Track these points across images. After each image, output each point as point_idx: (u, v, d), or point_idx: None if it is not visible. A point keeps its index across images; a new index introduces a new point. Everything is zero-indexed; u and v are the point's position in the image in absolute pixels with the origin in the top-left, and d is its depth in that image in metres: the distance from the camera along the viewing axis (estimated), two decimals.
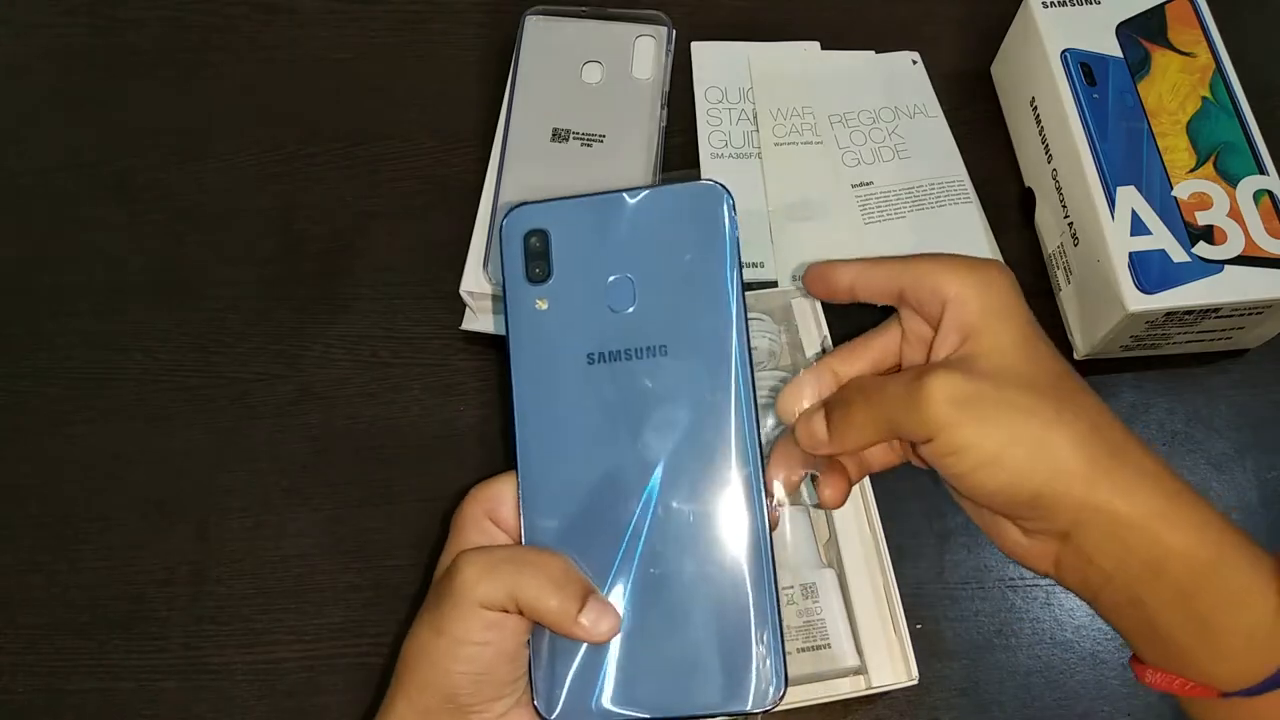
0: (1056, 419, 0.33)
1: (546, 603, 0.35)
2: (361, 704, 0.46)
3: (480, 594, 0.35)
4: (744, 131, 0.57)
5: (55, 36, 0.60)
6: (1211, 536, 0.33)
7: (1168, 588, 0.32)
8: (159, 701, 0.46)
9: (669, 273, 0.38)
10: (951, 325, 0.35)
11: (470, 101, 0.58)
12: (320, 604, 0.48)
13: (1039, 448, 0.33)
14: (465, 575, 0.35)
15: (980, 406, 0.33)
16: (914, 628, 0.44)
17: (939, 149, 0.56)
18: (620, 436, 0.37)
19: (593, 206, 0.38)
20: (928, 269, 0.36)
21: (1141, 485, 0.33)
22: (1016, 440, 0.33)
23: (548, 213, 0.38)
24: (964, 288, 0.35)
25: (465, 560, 0.35)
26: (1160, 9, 0.53)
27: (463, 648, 0.35)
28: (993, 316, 0.35)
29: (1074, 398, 0.34)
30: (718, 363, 0.37)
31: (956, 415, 0.33)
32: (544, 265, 0.38)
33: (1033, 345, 0.35)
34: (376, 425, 0.51)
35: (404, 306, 0.53)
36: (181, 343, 0.53)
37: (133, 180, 0.56)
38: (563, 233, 0.38)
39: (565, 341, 0.37)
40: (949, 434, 0.33)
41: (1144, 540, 0.32)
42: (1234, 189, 0.48)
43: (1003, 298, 0.35)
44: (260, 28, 0.60)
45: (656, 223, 0.38)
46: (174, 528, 0.49)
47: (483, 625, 0.35)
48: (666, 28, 0.56)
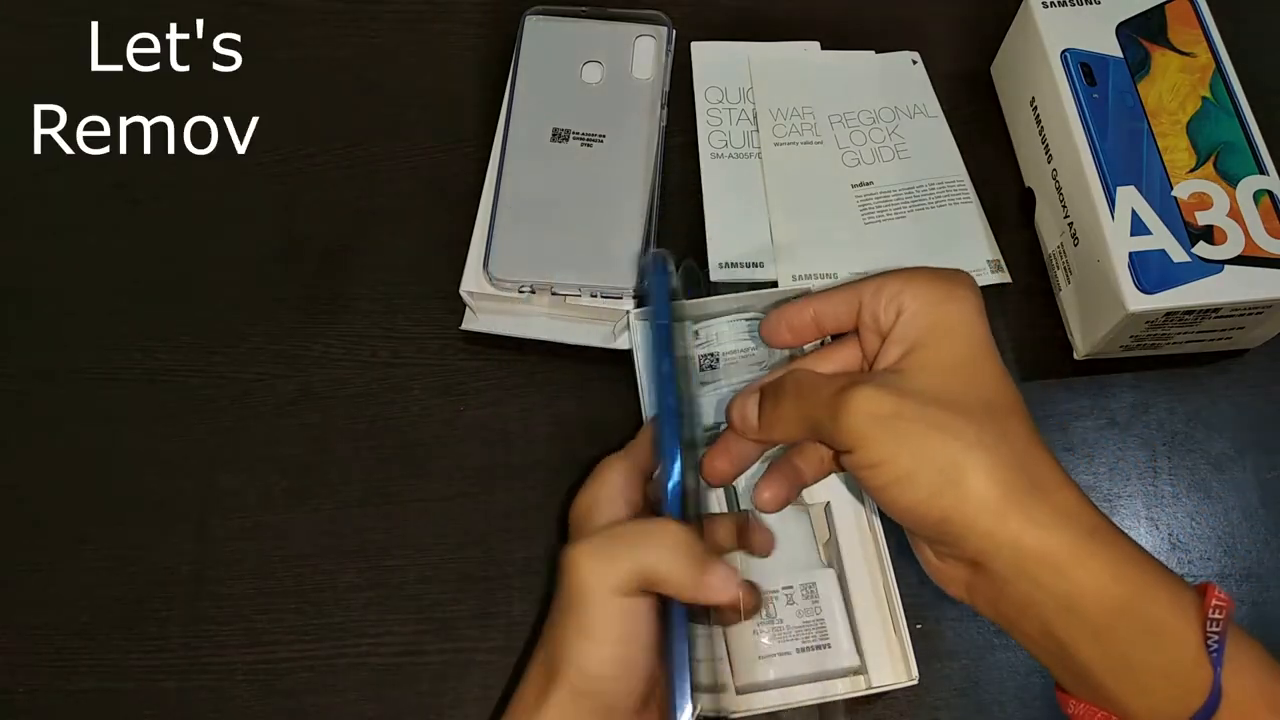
0: (976, 443, 0.32)
1: (673, 568, 0.34)
2: (361, 704, 0.46)
3: (610, 582, 0.34)
4: (744, 131, 0.57)
5: (55, 36, 0.60)
6: (1128, 573, 0.32)
7: (1082, 625, 0.32)
8: (159, 701, 0.46)
9: None
10: (897, 337, 0.35)
11: (470, 101, 0.58)
12: (320, 604, 0.48)
13: (950, 470, 0.32)
14: (584, 569, 0.34)
15: (898, 423, 0.33)
16: (914, 628, 0.44)
17: (939, 149, 0.56)
18: None
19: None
20: (887, 281, 0.36)
21: (1056, 520, 0.32)
22: (929, 461, 0.32)
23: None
24: (918, 301, 0.35)
25: (578, 554, 0.35)
26: (1160, 9, 0.53)
27: (605, 646, 0.34)
28: (940, 332, 0.35)
29: (1002, 423, 0.33)
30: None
31: (874, 429, 0.33)
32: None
33: (975, 366, 0.35)
34: (376, 425, 0.51)
35: (404, 306, 0.53)
36: (181, 343, 0.53)
37: (132, 179, 0.56)
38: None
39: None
40: (865, 448, 0.33)
41: (1054, 577, 0.32)
42: (1234, 189, 0.48)
43: (958, 314, 0.35)
44: (260, 28, 0.60)
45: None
46: (174, 528, 0.49)
47: (621, 615, 0.34)
48: (666, 28, 0.56)
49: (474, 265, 0.51)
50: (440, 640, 0.47)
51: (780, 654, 0.42)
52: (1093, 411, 0.51)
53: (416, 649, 0.47)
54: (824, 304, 0.38)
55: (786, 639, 0.43)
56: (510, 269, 0.50)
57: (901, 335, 0.35)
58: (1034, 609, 0.33)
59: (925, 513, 0.33)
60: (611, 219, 0.51)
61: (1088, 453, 0.51)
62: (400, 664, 0.47)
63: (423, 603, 0.48)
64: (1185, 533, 0.49)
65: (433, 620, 0.47)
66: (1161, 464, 0.51)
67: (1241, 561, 0.49)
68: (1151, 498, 0.50)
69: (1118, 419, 0.51)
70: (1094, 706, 0.33)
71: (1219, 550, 0.49)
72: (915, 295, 0.35)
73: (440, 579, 0.48)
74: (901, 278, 0.36)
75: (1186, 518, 0.50)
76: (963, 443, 0.32)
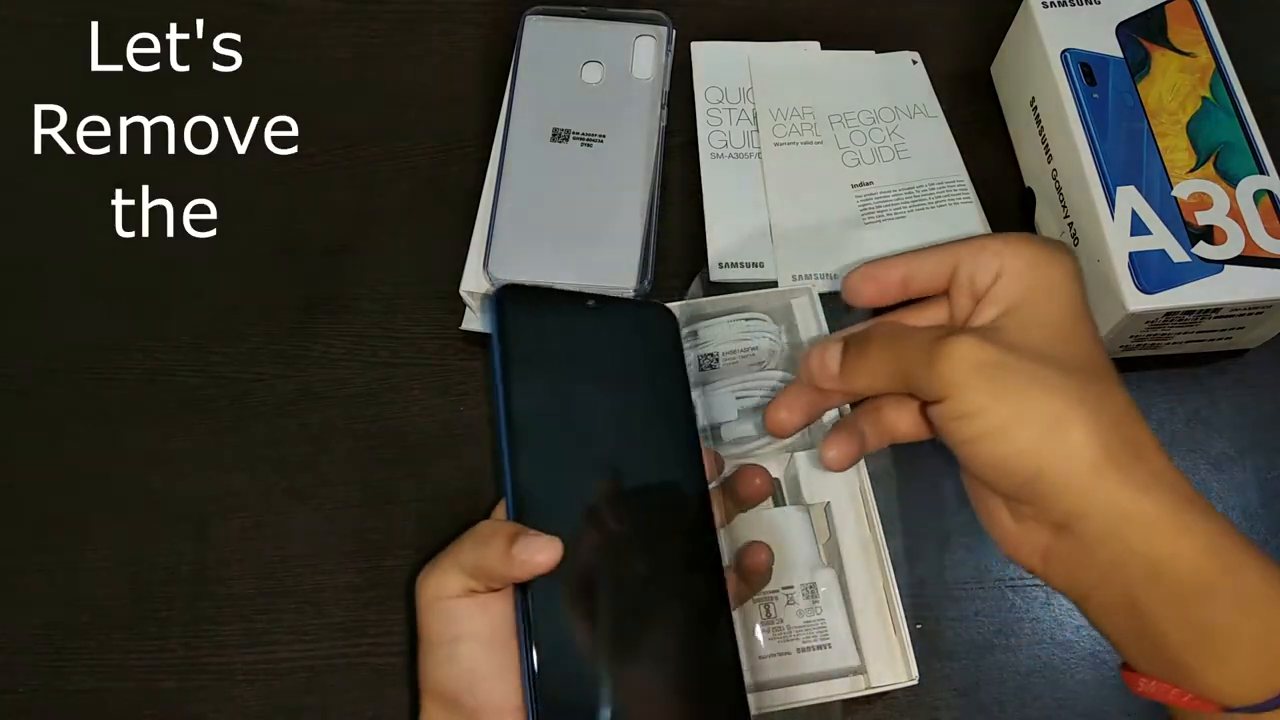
0: (1080, 400, 0.31)
1: (484, 554, 0.35)
2: (361, 704, 0.46)
3: (436, 590, 0.36)
4: (744, 131, 0.57)
5: (55, 35, 0.60)
6: (1222, 543, 0.31)
7: (1167, 592, 0.31)
8: (159, 701, 0.46)
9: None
10: (995, 297, 0.35)
11: (470, 101, 0.58)
12: (320, 604, 0.48)
13: (1052, 425, 0.31)
14: (420, 584, 0.37)
15: (999, 374, 0.32)
16: (914, 628, 0.44)
17: (939, 149, 0.56)
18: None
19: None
20: (987, 242, 0.36)
21: (1153, 484, 0.31)
22: (1029, 413, 0.31)
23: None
24: (1019, 261, 0.35)
25: (421, 575, 0.37)
26: (1160, 9, 0.53)
27: (440, 649, 0.36)
28: (1041, 293, 0.34)
29: (1104, 387, 0.33)
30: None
31: (972, 378, 0.32)
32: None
33: (1075, 326, 0.34)
34: (376, 425, 0.51)
35: (404, 306, 0.53)
36: (181, 343, 0.53)
37: (132, 179, 0.56)
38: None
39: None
40: (961, 396, 0.32)
41: (1147, 540, 0.31)
42: (1234, 189, 0.48)
43: (1057, 278, 0.34)
44: (260, 28, 0.60)
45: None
46: (174, 528, 0.49)
47: (445, 620, 0.36)
48: (666, 28, 0.56)
49: (474, 265, 0.51)
50: None
51: (780, 654, 0.42)
52: None
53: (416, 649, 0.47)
54: (917, 262, 0.37)
55: (786, 639, 0.43)
56: (510, 269, 0.50)
57: (1000, 295, 0.34)
58: (1119, 574, 0.31)
59: (1017, 467, 0.32)
60: (611, 219, 0.51)
61: None
62: (400, 664, 0.47)
63: None
64: None
65: None
66: None
67: None
68: None
69: None
70: (1166, 683, 0.32)
71: None
72: (1017, 256, 0.35)
73: None
74: (1002, 239, 0.36)
75: None
76: (1065, 399, 0.31)
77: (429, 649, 0.36)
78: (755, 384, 0.48)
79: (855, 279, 0.38)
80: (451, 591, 0.36)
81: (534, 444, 0.39)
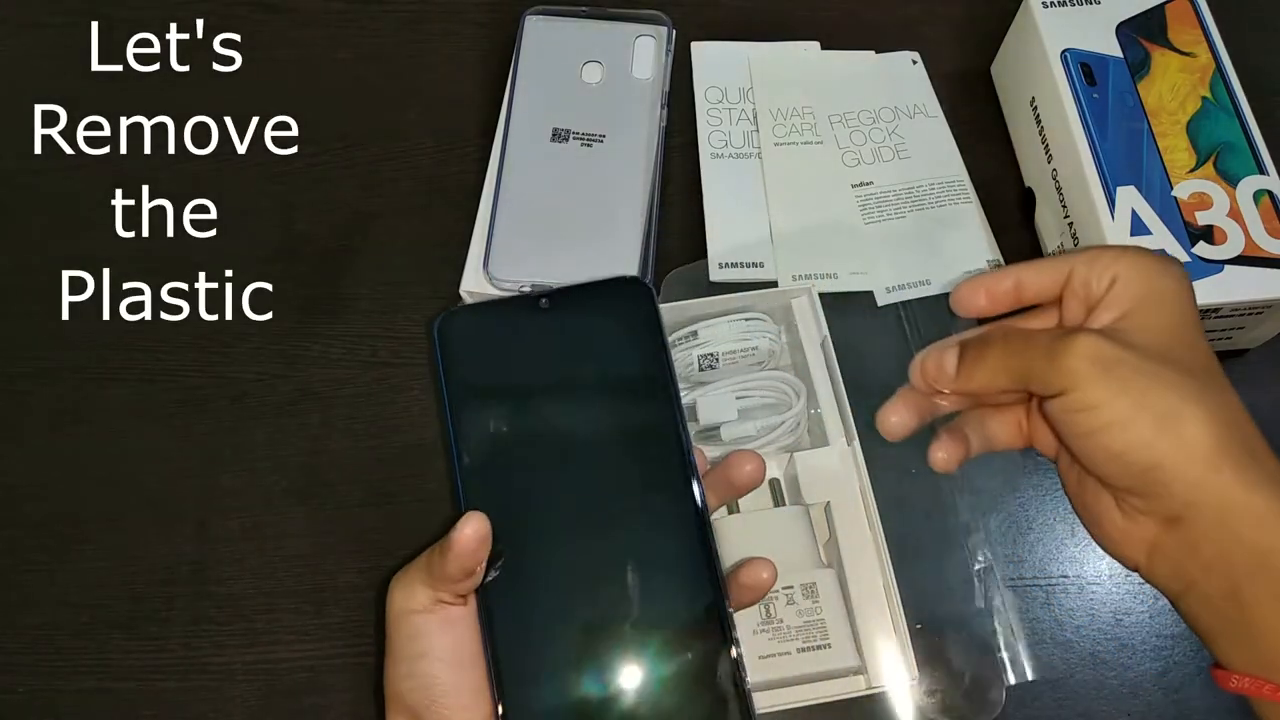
0: (1196, 398, 0.33)
1: (433, 562, 0.36)
2: (361, 704, 0.46)
3: (404, 603, 0.36)
4: (744, 131, 0.57)
5: (55, 35, 0.60)
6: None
7: (1273, 583, 0.32)
8: (159, 701, 0.46)
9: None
10: (1112, 301, 0.36)
11: (470, 101, 0.58)
12: (320, 604, 0.48)
13: (1170, 419, 0.32)
14: (389, 595, 0.37)
15: (1120, 370, 0.33)
16: (914, 628, 0.44)
17: (939, 149, 0.56)
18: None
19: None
20: (1101, 251, 0.37)
21: (1265, 480, 0.32)
22: (1149, 407, 0.33)
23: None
24: (1135, 270, 0.36)
25: (391, 583, 0.38)
26: (1160, 9, 0.53)
27: (403, 664, 0.36)
28: (1155, 300, 0.35)
29: (1218, 389, 0.34)
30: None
31: (1095, 372, 0.33)
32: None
33: (1188, 333, 0.35)
34: (376, 425, 0.51)
35: (404, 306, 0.53)
36: (181, 343, 0.53)
37: (132, 179, 0.56)
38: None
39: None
40: (1083, 389, 0.33)
41: (1257, 532, 0.32)
42: (1234, 189, 0.48)
43: (1171, 288, 0.36)
44: (260, 28, 0.60)
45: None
46: (174, 528, 0.49)
47: (411, 635, 0.36)
48: (666, 28, 0.56)
49: (474, 265, 0.51)
50: None
51: (780, 654, 0.42)
52: None
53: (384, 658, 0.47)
54: (1030, 271, 0.38)
55: (786, 639, 0.43)
56: (510, 269, 0.50)
57: (1115, 300, 0.36)
58: (1224, 565, 0.33)
59: (1135, 458, 0.33)
60: (611, 219, 0.51)
61: None
62: None
63: None
64: None
65: None
66: None
67: None
68: None
69: None
70: (1261, 678, 0.33)
71: None
72: (1132, 265, 0.36)
73: None
74: (1116, 249, 0.37)
75: None
76: (1182, 395, 0.33)
77: (394, 662, 0.37)
78: (755, 384, 0.48)
79: (966, 289, 0.39)
80: (418, 605, 0.36)
81: (486, 472, 0.38)
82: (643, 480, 0.39)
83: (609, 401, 0.40)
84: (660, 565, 0.38)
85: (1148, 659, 0.47)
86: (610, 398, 0.40)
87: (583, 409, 0.39)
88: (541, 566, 0.37)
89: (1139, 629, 0.47)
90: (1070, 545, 0.49)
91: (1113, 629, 0.48)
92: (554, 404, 0.39)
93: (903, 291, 0.52)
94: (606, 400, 0.40)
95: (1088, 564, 0.49)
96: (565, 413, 0.39)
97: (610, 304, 0.41)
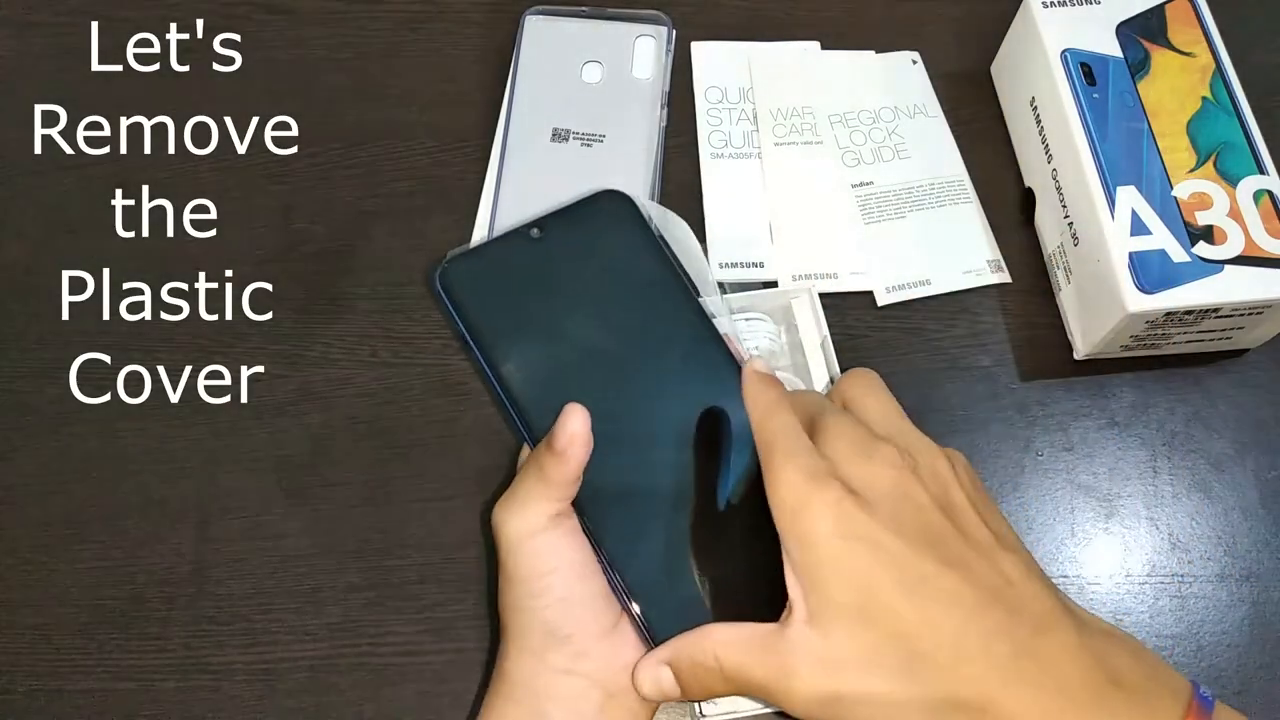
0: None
1: (543, 467, 0.37)
2: (361, 704, 0.46)
3: (520, 527, 0.37)
4: (744, 131, 0.57)
5: (55, 35, 0.60)
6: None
7: None
8: (159, 701, 0.46)
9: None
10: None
11: (470, 101, 0.58)
12: (320, 604, 0.48)
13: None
14: (501, 524, 0.38)
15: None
16: None
17: (939, 149, 0.56)
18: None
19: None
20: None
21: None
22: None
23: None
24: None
25: (499, 509, 0.38)
26: (1160, 9, 0.53)
27: (532, 583, 0.37)
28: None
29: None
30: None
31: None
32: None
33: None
34: (376, 425, 0.51)
35: (404, 306, 0.53)
36: (181, 342, 0.53)
37: (132, 179, 0.56)
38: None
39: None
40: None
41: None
42: (1234, 189, 0.48)
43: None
44: (260, 28, 0.60)
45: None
46: (174, 528, 0.49)
47: (536, 556, 0.37)
48: (666, 28, 0.56)
49: None
50: (440, 640, 0.47)
51: None
52: (1093, 411, 0.51)
53: (416, 649, 0.47)
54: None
55: None
56: None
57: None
58: None
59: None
60: None
61: (1088, 453, 0.51)
62: (400, 664, 0.47)
63: (423, 603, 0.48)
64: (1185, 533, 0.49)
65: (433, 620, 0.47)
66: (1161, 464, 0.51)
67: (1241, 561, 0.49)
68: (1151, 498, 0.50)
69: (1118, 419, 0.51)
70: None
71: (1219, 550, 0.49)
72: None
73: (440, 579, 0.48)
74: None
75: (1186, 518, 0.50)
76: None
77: (515, 584, 0.37)
78: None
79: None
80: (537, 526, 0.37)
81: (535, 395, 0.40)
82: (682, 359, 0.41)
83: (626, 300, 0.42)
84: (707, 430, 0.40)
85: None
86: (626, 297, 0.42)
87: (605, 313, 0.41)
88: (617, 464, 0.39)
89: (1139, 629, 0.47)
90: (1070, 545, 0.49)
91: None
92: (576, 316, 0.41)
93: (903, 291, 0.52)
94: (624, 300, 0.42)
95: (1088, 564, 0.49)
96: (589, 321, 0.41)
97: (597, 218, 0.43)
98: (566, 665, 0.37)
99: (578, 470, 0.37)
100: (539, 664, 0.37)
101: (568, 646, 0.37)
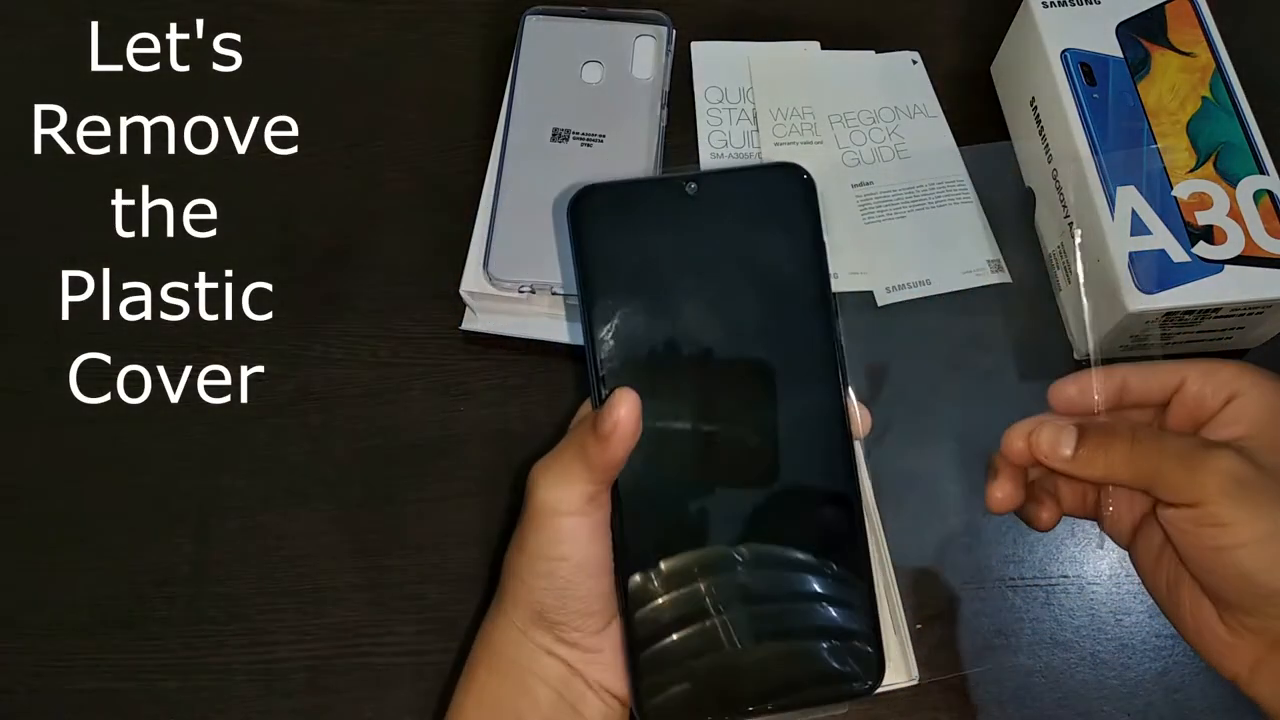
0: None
1: (585, 445, 0.35)
2: (361, 704, 0.46)
3: (556, 503, 0.36)
4: (744, 131, 0.57)
5: (55, 35, 0.60)
6: None
7: None
8: (159, 701, 0.46)
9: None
10: (1235, 416, 0.36)
11: (470, 101, 0.58)
12: (320, 604, 0.48)
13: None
14: (538, 487, 0.36)
15: (1258, 492, 0.33)
16: (914, 628, 0.44)
17: (939, 149, 0.56)
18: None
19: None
20: (1218, 367, 0.37)
21: None
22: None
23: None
24: (1258, 389, 0.36)
25: (538, 473, 0.37)
26: (1160, 9, 0.53)
27: (540, 563, 0.36)
28: (1277, 422, 0.35)
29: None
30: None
31: (1234, 490, 0.33)
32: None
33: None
34: (376, 425, 0.51)
35: (404, 306, 0.53)
36: (181, 342, 0.53)
37: (132, 179, 0.56)
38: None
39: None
40: (1219, 506, 0.33)
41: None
42: (1234, 189, 0.48)
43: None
44: (260, 27, 0.60)
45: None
46: (174, 528, 0.49)
47: (556, 538, 0.36)
48: (666, 28, 0.56)
49: (474, 265, 0.51)
50: (440, 640, 0.47)
51: None
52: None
53: (416, 649, 0.47)
54: (1139, 375, 0.38)
55: None
56: (510, 269, 0.50)
57: (1239, 415, 0.36)
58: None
59: (1264, 581, 0.33)
60: None
61: None
62: (400, 664, 0.47)
63: (423, 603, 0.48)
64: None
65: (433, 620, 0.48)
66: None
67: None
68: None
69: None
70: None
71: None
72: (1254, 384, 0.36)
73: (440, 579, 0.48)
74: (1235, 367, 0.37)
75: None
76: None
77: (528, 556, 0.37)
78: None
79: (1066, 386, 0.39)
80: (571, 507, 0.36)
81: (623, 359, 0.37)
82: (793, 380, 0.37)
83: (756, 296, 0.38)
84: (802, 488, 0.37)
85: (1148, 659, 0.47)
86: (757, 292, 0.38)
87: (731, 297, 0.37)
88: (674, 467, 0.36)
89: (1139, 629, 0.47)
90: (1070, 545, 0.49)
91: (1113, 629, 0.48)
92: (698, 289, 0.37)
93: (903, 291, 0.52)
94: (753, 295, 0.38)
95: (1088, 564, 0.49)
96: (710, 300, 0.37)
97: (764, 192, 0.39)
98: (549, 646, 0.38)
99: (618, 458, 0.35)
100: (522, 638, 0.38)
101: (552, 632, 0.38)
